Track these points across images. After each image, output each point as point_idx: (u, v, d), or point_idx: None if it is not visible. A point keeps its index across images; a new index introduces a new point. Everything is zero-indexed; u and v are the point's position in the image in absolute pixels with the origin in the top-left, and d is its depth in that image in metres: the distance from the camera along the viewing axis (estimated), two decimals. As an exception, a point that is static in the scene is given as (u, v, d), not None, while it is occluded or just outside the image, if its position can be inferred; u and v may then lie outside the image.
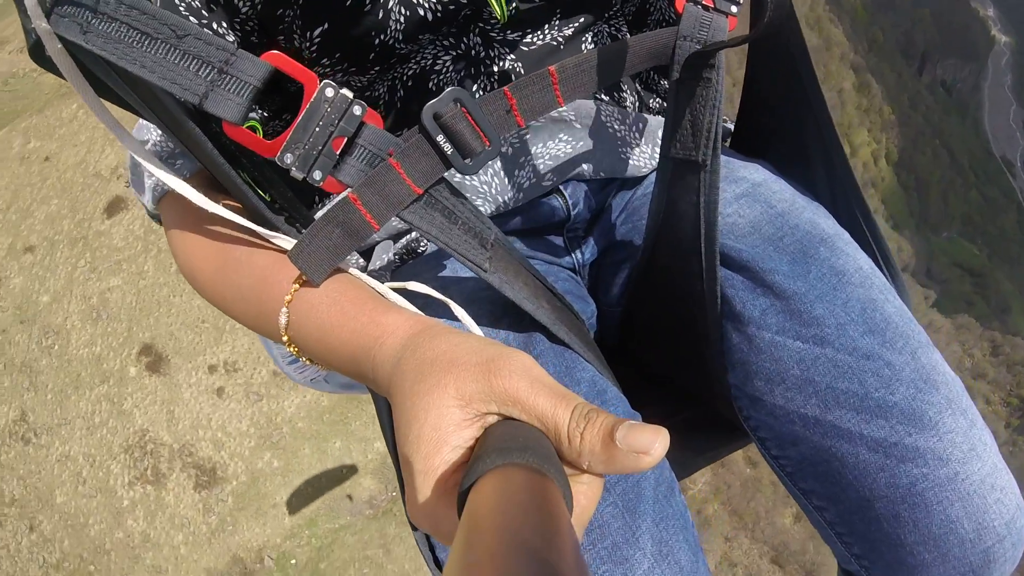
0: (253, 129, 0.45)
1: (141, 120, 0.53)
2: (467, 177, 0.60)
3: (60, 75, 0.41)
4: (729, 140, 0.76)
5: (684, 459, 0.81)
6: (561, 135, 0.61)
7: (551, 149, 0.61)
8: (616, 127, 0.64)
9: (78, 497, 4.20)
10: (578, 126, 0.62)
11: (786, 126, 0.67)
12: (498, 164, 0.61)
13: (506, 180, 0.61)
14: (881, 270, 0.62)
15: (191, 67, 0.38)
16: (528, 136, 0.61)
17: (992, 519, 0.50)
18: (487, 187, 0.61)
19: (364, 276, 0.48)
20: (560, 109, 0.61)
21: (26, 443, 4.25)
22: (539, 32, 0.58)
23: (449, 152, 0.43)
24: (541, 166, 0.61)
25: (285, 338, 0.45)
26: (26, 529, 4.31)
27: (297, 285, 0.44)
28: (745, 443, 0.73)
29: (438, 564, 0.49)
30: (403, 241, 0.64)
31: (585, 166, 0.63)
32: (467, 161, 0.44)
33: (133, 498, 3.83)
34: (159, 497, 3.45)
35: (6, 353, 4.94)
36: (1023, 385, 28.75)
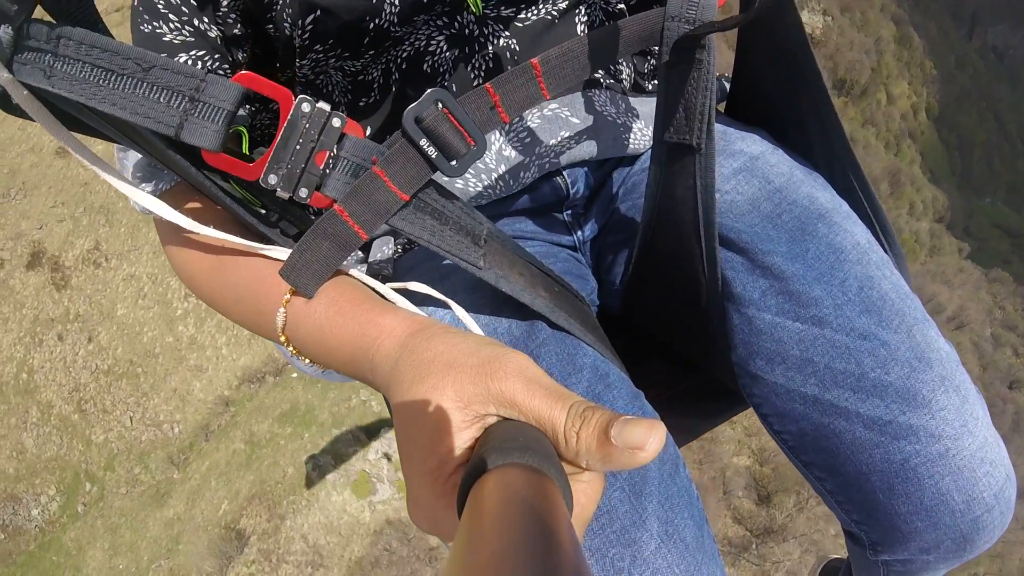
0: (239, 135, 0.44)
1: None
2: (469, 180, 0.59)
3: (31, 119, 0.40)
4: (725, 103, 0.72)
5: (688, 426, 0.80)
6: (562, 132, 0.60)
7: (554, 147, 0.59)
8: (612, 113, 0.62)
9: (137, 309, 4.57)
10: (576, 120, 0.60)
11: (781, 92, 0.63)
12: (503, 167, 0.59)
13: (511, 181, 0.59)
14: (879, 240, 0.60)
15: (161, 99, 0.37)
16: (528, 139, 0.59)
17: (981, 491, 0.51)
18: (491, 191, 0.60)
19: (363, 276, 0.46)
20: (553, 106, 0.60)
21: (97, 267, 4.64)
22: (533, 7, 0.56)
23: (434, 156, 0.41)
24: (545, 163, 0.60)
25: (283, 338, 0.44)
26: (85, 341, 4.72)
27: None
28: (746, 408, 0.72)
29: None
30: (401, 235, 0.62)
31: (586, 153, 0.61)
32: (452, 163, 0.42)
33: (186, 308, 4.13)
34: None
35: (86, 199, 5.34)
36: (1056, 342, 27.41)
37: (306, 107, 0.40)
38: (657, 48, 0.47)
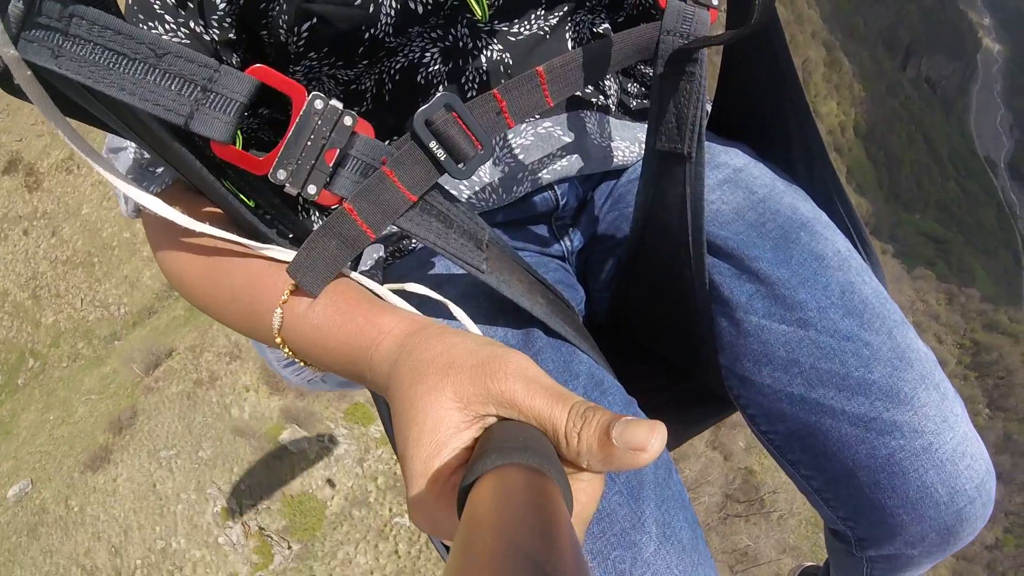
0: (233, 136, 0.41)
1: None
2: (463, 191, 0.59)
3: (30, 101, 0.38)
4: (706, 120, 0.72)
5: (677, 431, 0.80)
6: (554, 149, 0.60)
7: (546, 163, 0.60)
8: (599, 131, 0.63)
9: (101, 209, 4.93)
10: (567, 139, 0.61)
11: (765, 108, 0.65)
12: (497, 180, 0.59)
13: (503, 194, 0.60)
14: (857, 249, 0.61)
15: (173, 86, 0.36)
16: (522, 155, 0.59)
17: (963, 483, 0.52)
18: (484, 203, 0.60)
19: (361, 277, 0.45)
20: (546, 124, 0.60)
21: (68, 173, 4.98)
22: (525, 22, 0.56)
23: (442, 158, 0.41)
24: (538, 178, 0.60)
25: (279, 339, 0.43)
26: (48, 235, 5.02)
27: (293, 285, 0.42)
28: (732, 412, 0.73)
29: None
30: (392, 242, 0.62)
31: (576, 168, 0.62)
32: (460, 166, 0.41)
33: (143, 208, 4.51)
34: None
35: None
36: (976, 331, 28.89)
37: (319, 104, 0.39)
38: (650, 62, 0.51)
